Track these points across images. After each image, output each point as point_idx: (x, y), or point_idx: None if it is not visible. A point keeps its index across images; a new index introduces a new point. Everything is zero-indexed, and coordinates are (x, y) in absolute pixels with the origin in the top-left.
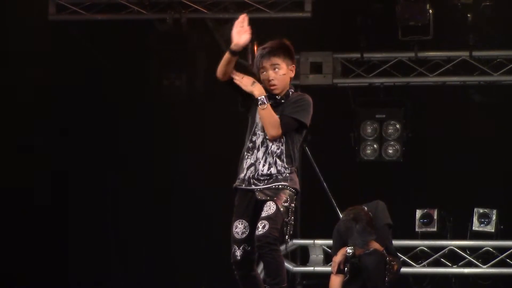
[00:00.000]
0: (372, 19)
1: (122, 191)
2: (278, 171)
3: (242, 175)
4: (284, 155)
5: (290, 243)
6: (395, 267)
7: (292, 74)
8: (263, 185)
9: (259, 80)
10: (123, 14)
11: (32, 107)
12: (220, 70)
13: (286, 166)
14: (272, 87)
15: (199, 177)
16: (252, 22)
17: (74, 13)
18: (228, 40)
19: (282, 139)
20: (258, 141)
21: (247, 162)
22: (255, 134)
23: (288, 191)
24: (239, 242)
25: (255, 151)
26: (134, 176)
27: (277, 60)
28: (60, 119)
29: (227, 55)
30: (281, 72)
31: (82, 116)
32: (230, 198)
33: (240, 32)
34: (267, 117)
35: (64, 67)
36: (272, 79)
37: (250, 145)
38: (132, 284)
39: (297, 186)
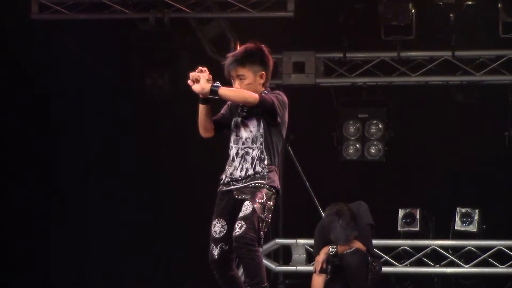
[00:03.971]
0: (354, 19)
1: (105, 189)
2: (256, 172)
3: (222, 181)
4: (265, 155)
5: (272, 242)
6: (376, 267)
7: (262, 81)
8: (241, 184)
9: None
10: (105, 14)
11: (16, 106)
12: (201, 127)
13: (264, 165)
14: None
15: (183, 177)
16: (235, 22)
17: (57, 12)
18: (211, 39)
19: (262, 139)
20: (233, 153)
21: (226, 172)
22: (230, 148)
23: (265, 189)
24: (217, 241)
25: (232, 162)
26: (117, 176)
27: (243, 71)
28: (44, 118)
29: (201, 108)
30: (246, 82)
31: (65, 115)
32: (212, 198)
33: (195, 80)
34: (232, 96)
35: (46, 67)
36: (238, 88)
37: (229, 159)
38: (117, 284)
39: (276, 185)
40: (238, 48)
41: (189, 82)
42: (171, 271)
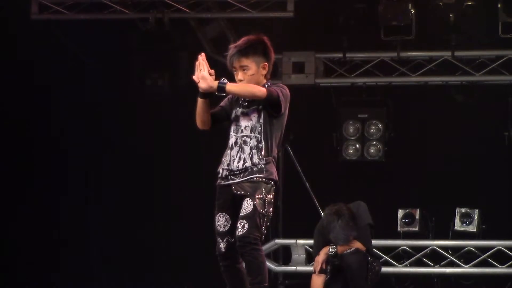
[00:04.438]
0: (354, 19)
1: (104, 190)
2: (253, 164)
3: (219, 175)
4: (262, 144)
5: (272, 242)
6: (376, 268)
7: (264, 72)
8: (239, 179)
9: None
10: (105, 14)
11: (13, 107)
12: (198, 120)
13: (261, 157)
14: None
15: (182, 176)
16: (235, 22)
17: (56, 12)
18: (211, 39)
19: (260, 129)
20: (231, 142)
21: (223, 164)
22: (229, 137)
23: (264, 183)
24: (223, 235)
25: (229, 151)
26: (116, 175)
27: (246, 61)
28: (44, 118)
29: (200, 101)
30: (249, 73)
31: (64, 115)
32: (210, 197)
33: (202, 78)
34: (239, 92)
35: (45, 67)
36: (241, 80)
37: (227, 148)
38: (115, 283)
39: (274, 177)
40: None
41: (195, 78)
42: (171, 271)
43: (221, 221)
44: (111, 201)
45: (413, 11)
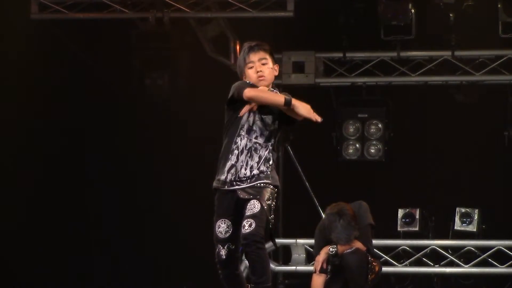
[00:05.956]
0: (354, 19)
1: (105, 190)
2: (261, 171)
3: (222, 177)
4: (270, 156)
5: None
6: (377, 267)
7: (276, 73)
8: (246, 184)
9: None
10: (105, 13)
11: (13, 106)
12: (258, 98)
13: (268, 165)
14: (260, 78)
15: (183, 177)
16: (234, 22)
17: (56, 12)
18: (211, 38)
19: (273, 141)
20: (242, 144)
21: (228, 164)
22: (239, 135)
23: (270, 189)
24: (223, 242)
25: (238, 153)
26: (116, 175)
27: (265, 55)
28: (43, 119)
29: (282, 101)
30: (268, 66)
31: (64, 115)
32: (211, 198)
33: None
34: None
35: (46, 66)
36: (261, 70)
37: (234, 146)
38: (115, 285)
39: (278, 183)
40: (238, 47)
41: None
42: (171, 271)
43: (223, 227)
44: (111, 201)
45: (413, 10)
